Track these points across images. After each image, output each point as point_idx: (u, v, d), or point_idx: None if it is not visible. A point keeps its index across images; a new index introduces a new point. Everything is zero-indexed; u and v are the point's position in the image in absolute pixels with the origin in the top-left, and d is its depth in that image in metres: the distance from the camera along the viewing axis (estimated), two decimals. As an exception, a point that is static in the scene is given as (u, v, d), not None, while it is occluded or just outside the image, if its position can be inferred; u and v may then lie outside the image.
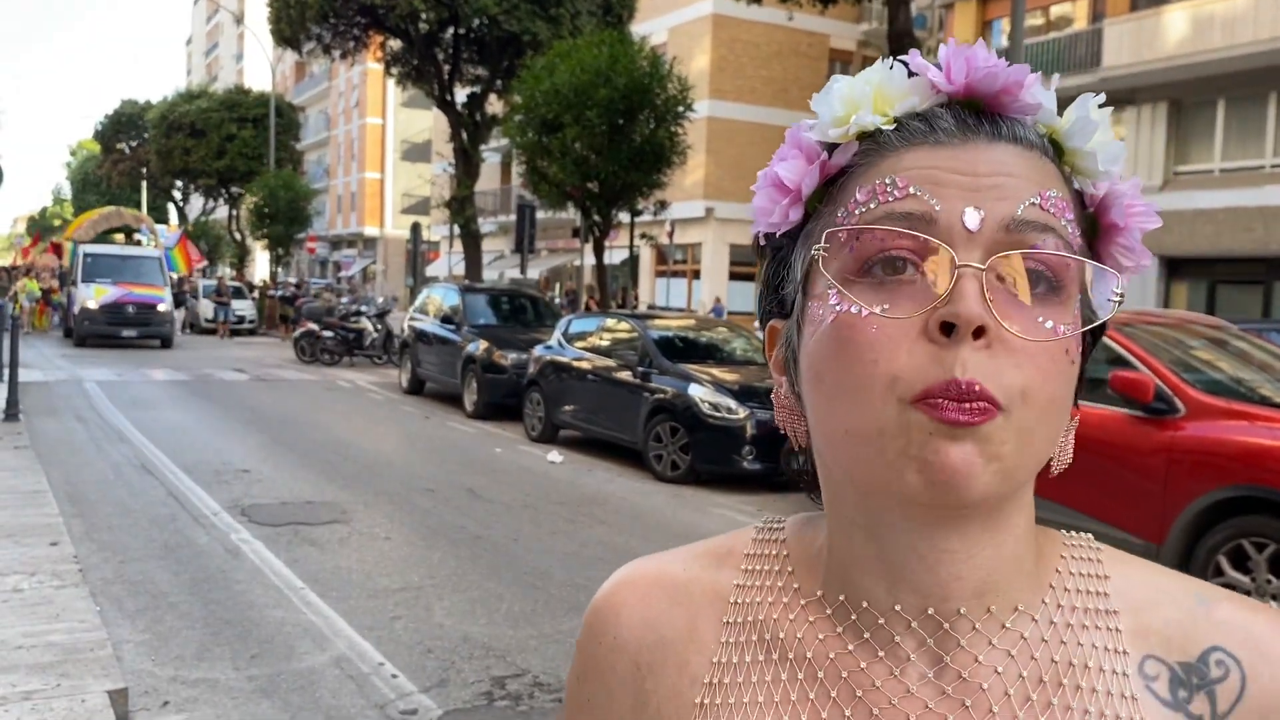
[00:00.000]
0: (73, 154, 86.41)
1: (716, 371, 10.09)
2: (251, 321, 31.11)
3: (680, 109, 17.92)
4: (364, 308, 23.71)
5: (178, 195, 53.12)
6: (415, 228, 27.11)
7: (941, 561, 0.63)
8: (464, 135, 24.17)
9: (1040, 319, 0.59)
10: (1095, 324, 0.64)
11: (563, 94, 16.83)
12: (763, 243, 0.70)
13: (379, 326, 21.65)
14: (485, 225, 33.15)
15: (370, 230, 56.53)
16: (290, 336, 24.99)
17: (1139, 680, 0.63)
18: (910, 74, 0.63)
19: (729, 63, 30.25)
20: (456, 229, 25.13)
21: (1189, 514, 5.48)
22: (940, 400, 0.57)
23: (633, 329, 11.26)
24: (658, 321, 11.99)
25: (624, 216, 19.72)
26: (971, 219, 0.59)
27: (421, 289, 20.00)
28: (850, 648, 0.66)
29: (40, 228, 73.14)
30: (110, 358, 20.65)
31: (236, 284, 34.86)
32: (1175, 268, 20.34)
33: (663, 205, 19.41)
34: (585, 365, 11.39)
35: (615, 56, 17.00)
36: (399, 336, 18.43)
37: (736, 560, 0.73)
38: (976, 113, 0.63)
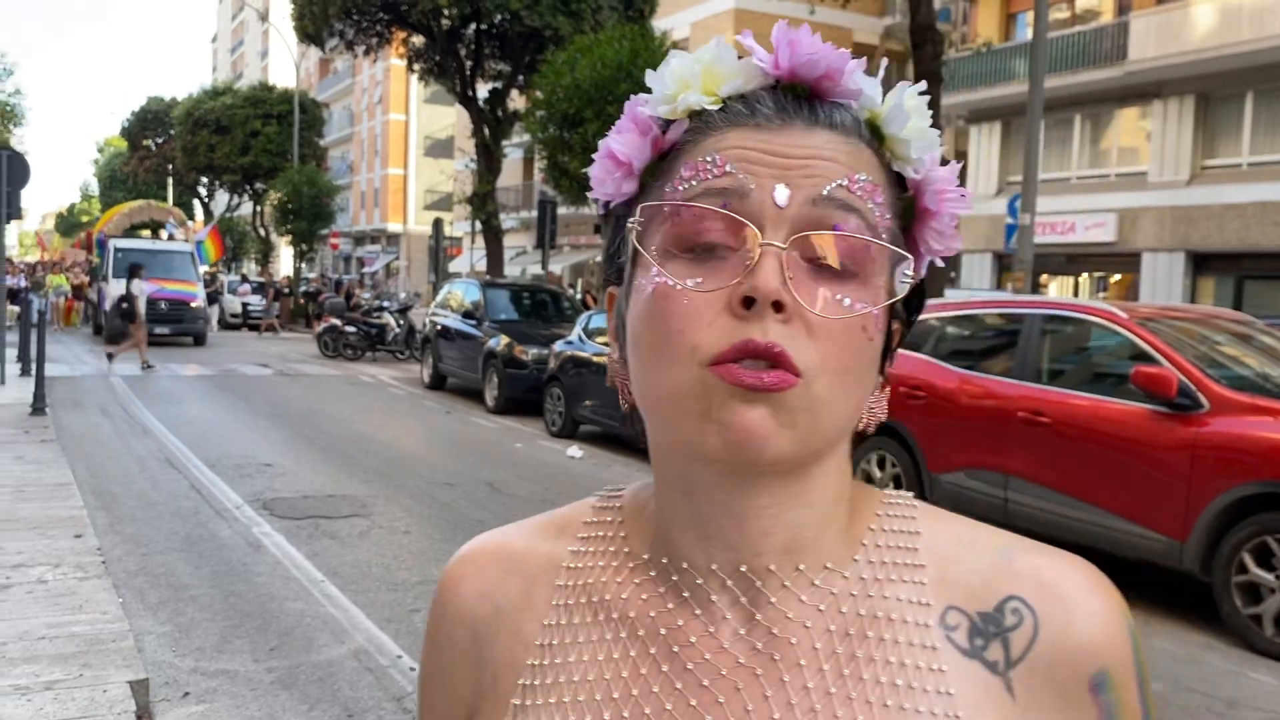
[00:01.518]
0: (100, 151, 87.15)
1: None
2: (269, 315, 31.35)
3: (702, 104, 17.85)
4: (386, 303, 23.82)
5: (203, 191, 53.50)
6: (437, 223, 27.20)
7: (749, 518, 0.66)
8: (486, 131, 24.21)
9: (839, 297, 0.62)
10: (898, 300, 0.66)
11: (584, 89, 16.82)
12: (603, 211, 0.73)
13: (401, 322, 21.74)
14: (507, 221, 33.24)
15: (393, 226, 56.75)
16: (307, 330, 25.11)
17: (940, 630, 0.66)
18: (740, 55, 0.66)
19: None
20: (478, 225, 25.17)
21: (1212, 511, 5.43)
22: (736, 366, 0.60)
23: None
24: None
25: (645, 212, 19.65)
26: (781, 195, 0.62)
27: (443, 284, 20.06)
28: (670, 606, 0.69)
29: (69, 223, 73.84)
30: (135, 352, 20.81)
31: (260, 280, 35.12)
32: (1202, 262, 20.13)
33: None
34: (606, 361, 11.38)
35: (637, 51, 16.98)
36: (421, 332, 18.50)
37: (575, 529, 0.76)
38: (799, 97, 0.65)
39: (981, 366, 7.05)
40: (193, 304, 23.88)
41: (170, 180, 57.13)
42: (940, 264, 0.71)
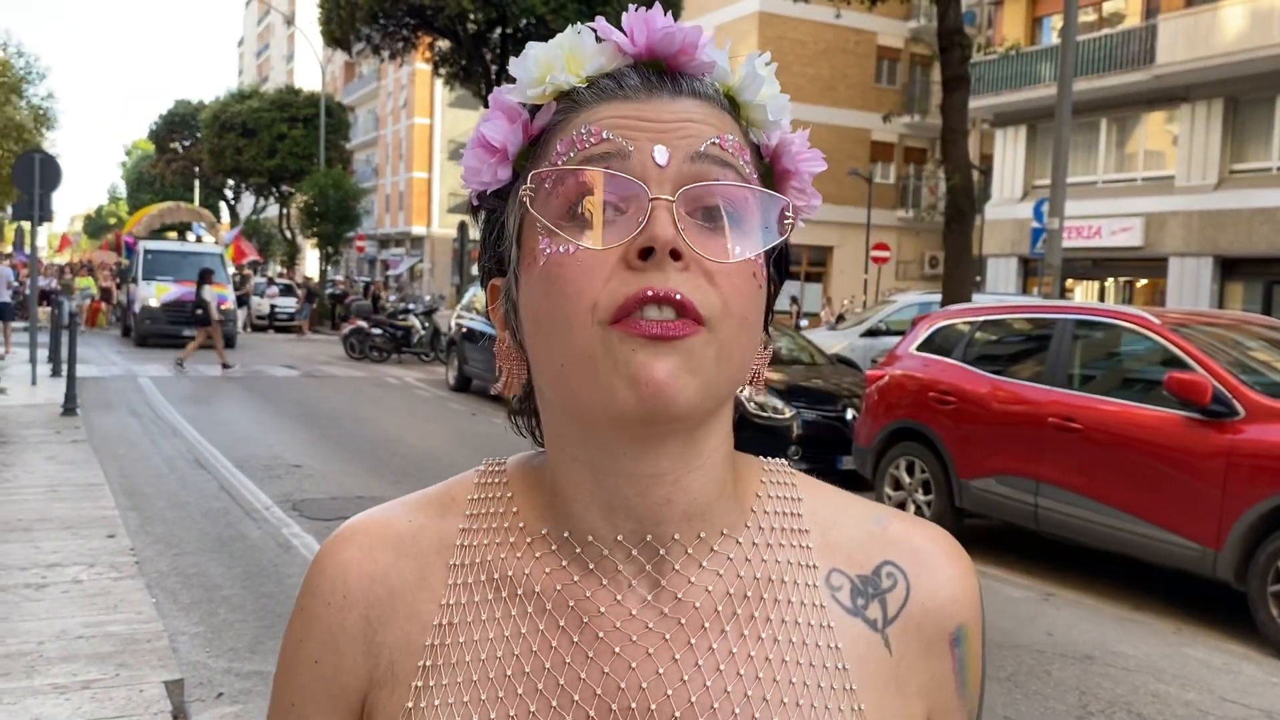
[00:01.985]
0: (128, 153, 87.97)
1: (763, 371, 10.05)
2: (303, 317, 31.54)
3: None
4: (412, 305, 23.92)
5: (229, 194, 53.90)
6: (462, 227, 27.32)
7: (651, 486, 0.68)
8: (510, 134, 24.27)
9: (728, 245, 0.65)
10: (774, 246, 0.69)
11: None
12: (476, 203, 0.74)
13: (426, 324, 21.83)
14: (531, 224, 33.29)
15: (417, 229, 56.99)
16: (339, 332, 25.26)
17: (826, 590, 0.72)
18: (598, 39, 0.69)
19: (775, 60, 29.98)
20: (502, 228, 25.22)
21: (1248, 519, 5.37)
22: (639, 318, 0.62)
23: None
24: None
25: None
26: (660, 154, 0.64)
27: (468, 287, 20.14)
28: (576, 578, 0.70)
29: (93, 226, 74.55)
30: (164, 354, 21.00)
31: (286, 282, 35.33)
32: (1230, 267, 19.96)
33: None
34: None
35: (662, 55, 16.98)
36: (446, 334, 18.56)
37: (461, 506, 0.76)
38: (660, 72, 0.68)
39: (1012, 372, 7.01)
40: (223, 306, 23.69)
41: (197, 183, 57.60)
42: (800, 224, 0.72)
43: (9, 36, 24.71)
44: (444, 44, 25.26)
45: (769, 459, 0.78)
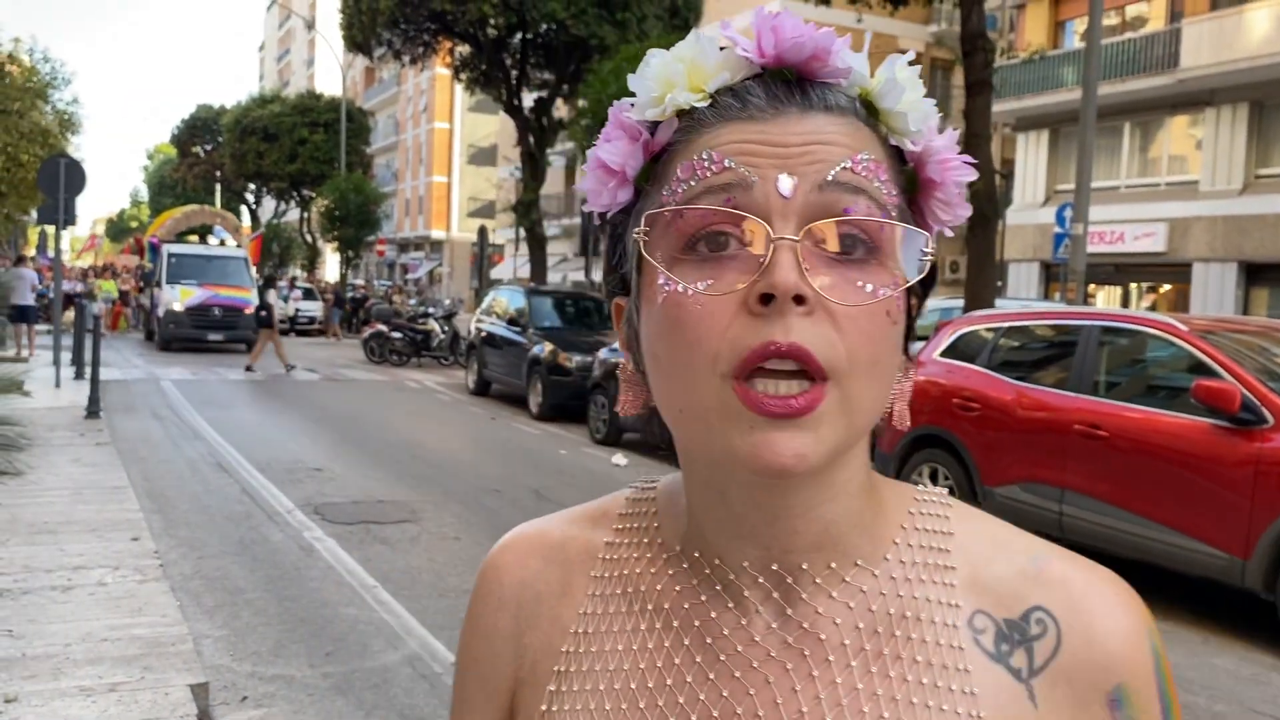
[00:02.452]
0: (150, 158, 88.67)
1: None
2: (321, 323, 31.69)
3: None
4: (431, 309, 24.00)
5: (250, 198, 54.24)
6: (481, 231, 27.38)
7: (780, 517, 0.66)
8: (530, 139, 24.34)
9: (859, 283, 0.61)
10: (917, 279, 0.64)
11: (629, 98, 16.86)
12: (598, 222, 0.72)
13: (446, 328, 21.89)
14: (550, 228, 33.35)
15: (437, 233, 57.20)
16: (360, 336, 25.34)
17: (968, 632, 0.67)
18: (722, 48, 0.65)
19: (795, 65, 30.07)
20: (522, 232, 25.31)
21: (1277, 527, 5.31)
22: (761, 393, 0.59)
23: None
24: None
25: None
26: (785, 185, 0.60)
27: (487, 291, 20.18)
28: (703, 599, 0.70)
29: (115, 229, 75.17)
30: (185, 357, 21.13)
31: (307, 285, 35.51)
32: (1255, 273, 19.78)
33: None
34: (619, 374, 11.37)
35: (682, 60, 16.98)
36: (465, 338, 18.61)
37: (611, 520, 0.77)
38: (789, 82, 0.64)
39: (1036, 378, 6.96)
40: (246, 310, 23.23)
41: (218, 187, 58.00)
42: (949, 234, 0.70)
43: (34, 43, 24.92)
44: (464, 49, 25.33)
45: (927, 487, 0.74)
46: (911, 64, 0.66)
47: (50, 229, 17.31)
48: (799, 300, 0.58)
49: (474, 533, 7.34)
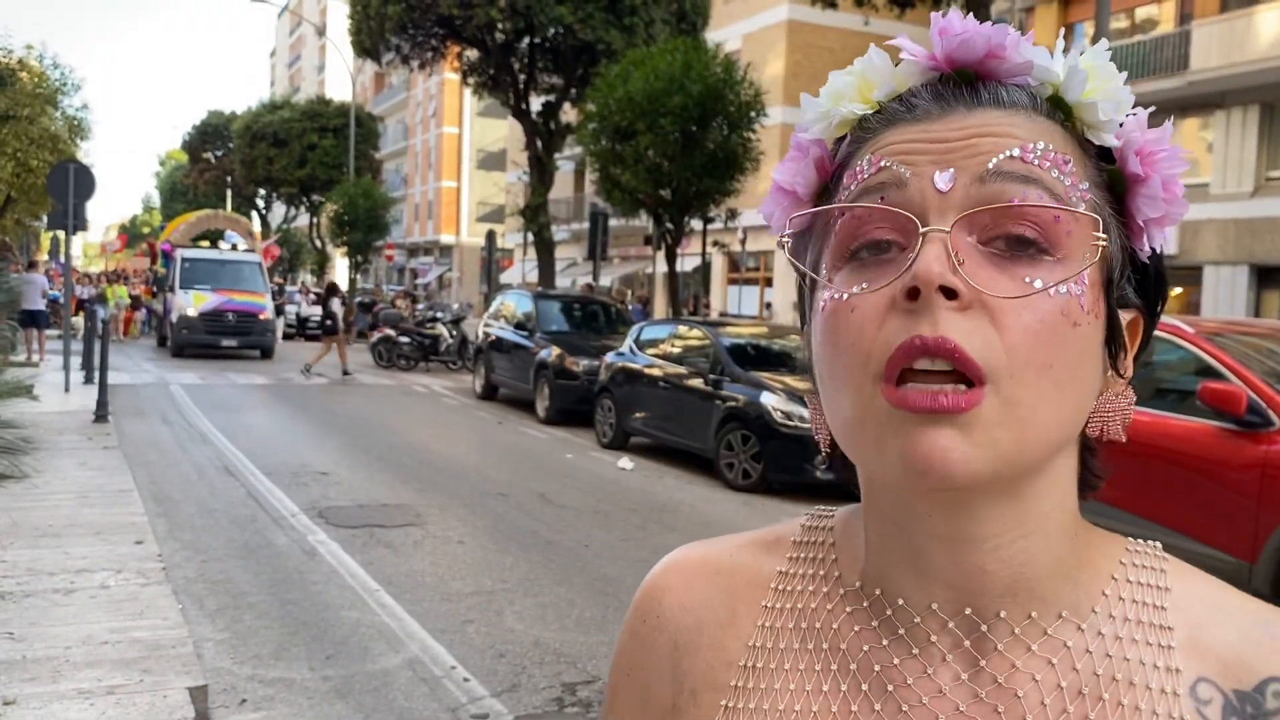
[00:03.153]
0: (161, 164, 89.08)
1: (789, 379, 10.00)
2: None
3: (753, 115, 17.85)
4: (439, 314, 24.02)
5: (261, 203, 54.46)
6: (490, 235, 27.43)
7: (964, 551, 0.60)
8: (539, 144, 24.38)
9: (1026, 278, 0.56)
10: (1111, 279, 0.60)
11: (636, 102, 16.88)
12: (781, 246, 0.68)
13: (454, 332, 21.91)
14: (558, 233, 33.40)
15: (446, 238, 57.32)
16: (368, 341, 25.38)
17: (1190, 702, 0.59)
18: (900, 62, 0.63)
19: (803, 69, 30.07)
20: (530, 236, 25.34)
21: (1284, 531, 5.27)
22: (907, 389, 0.54)
23: (704, 336, 11.23)
24: (729, 329, 11.95)
25: (696, 224, 19.68)
26: (941, 180, 0.57)
27: (495, 296, 20.21)
28: (885, 642, 0.64)
29: (130, 234, 75.57)
30: (196, 363, 21.18)
31: (317, 290, 35.60)
32: (1266, 276, 19.68)
33: (732, 214, 19.39)
34: (657, 372, 11.38)
35: (689, 64, 17.00)
36: (473, 342, 18.63)
37: (784, 548, 0.73)
38: (962, 83, 0.60)
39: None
40: (261, 316, 22.84)
41: (229, 192, 58.24)
42: (1165, 236, 0.63)
43: (44, 48, 25.07)
44: (472, 54, 25.42)
45: (1139, 540, 0.66)
46: (1106, 50, 0.62)
47: (62, 234, 17.39)
48: (950, 295, 0.54)
49: (478, 536, 7.33)
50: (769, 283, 31.43)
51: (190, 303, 22.19)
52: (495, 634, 5.25)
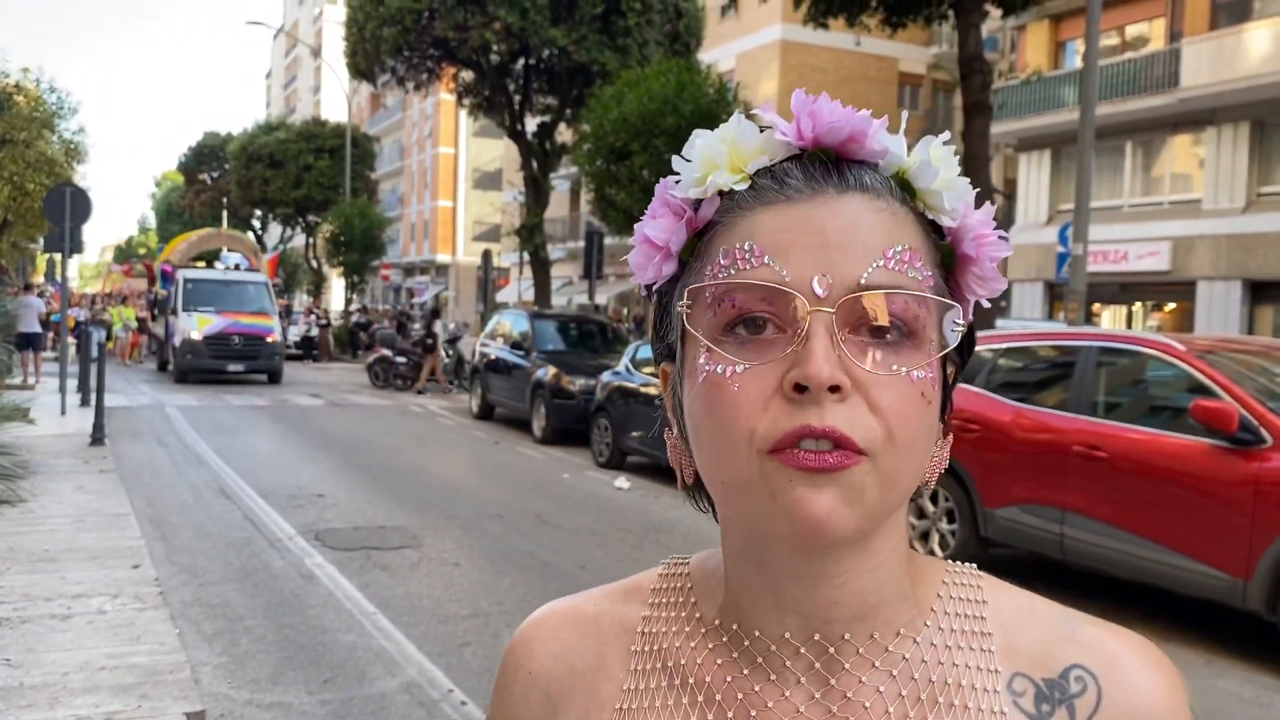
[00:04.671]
0: (157, 185, 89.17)
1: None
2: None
3: (748, 135, 17.93)
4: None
5: (257, 224, 54.50)
6: (486, 255, 27.46)
7: (820, 587, 0.67)
8: (534, 164, 24.46)
9: (894, 366, 0.62)
10: (948, 350, 0.66)
11: (631, 122, 16.95)
12: (643, 292, 0.74)
13: (450, 352, 21.92)
14: (554, 252, 33.45)
15: (442, 257, 57.35)
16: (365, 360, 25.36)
17: (1007, 696, 0.68)
18: (763, 129, 0.67)
19: (797, 88, 30.08)
20: (526, 256, 25.38)
21: (1278, 548, 5.29)
22: (797, 450, 0.61)
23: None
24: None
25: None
26: (819, 287, 0.62)
27: (492, 315, 20.23)
28: (745, 672, 0.70)
29: (126, 255, 75.55)
30: (192, 384, 21.14)
31: (314, 310, 35.61)
32: (1259, 291, 19.74)
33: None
34: (653, 391, 11.39)
35: (682, 84, 17.09)
36: (470, 362, 18.64)
37: (644, 595, 0.78)
38: (827, 162, 0.66)
39: (1035, 399, 6.95)
40: (269, 338, 21.81)
41: (225, 213, 58.25)
42: (986, 304, 0.71)
43: (41, 72, 25.19)
44: (468, 75, 25.51)
45: (956, 563, 0.75)
46: (946, 144, 0.68)
47: (58, 257, 17.41)
48: (834, 388, 0.60)
49: (475, 558, 7.33)
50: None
51: (194, 326, 21.24)
52: (492, 656, 5.25)
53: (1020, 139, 24.14)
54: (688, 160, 0.68)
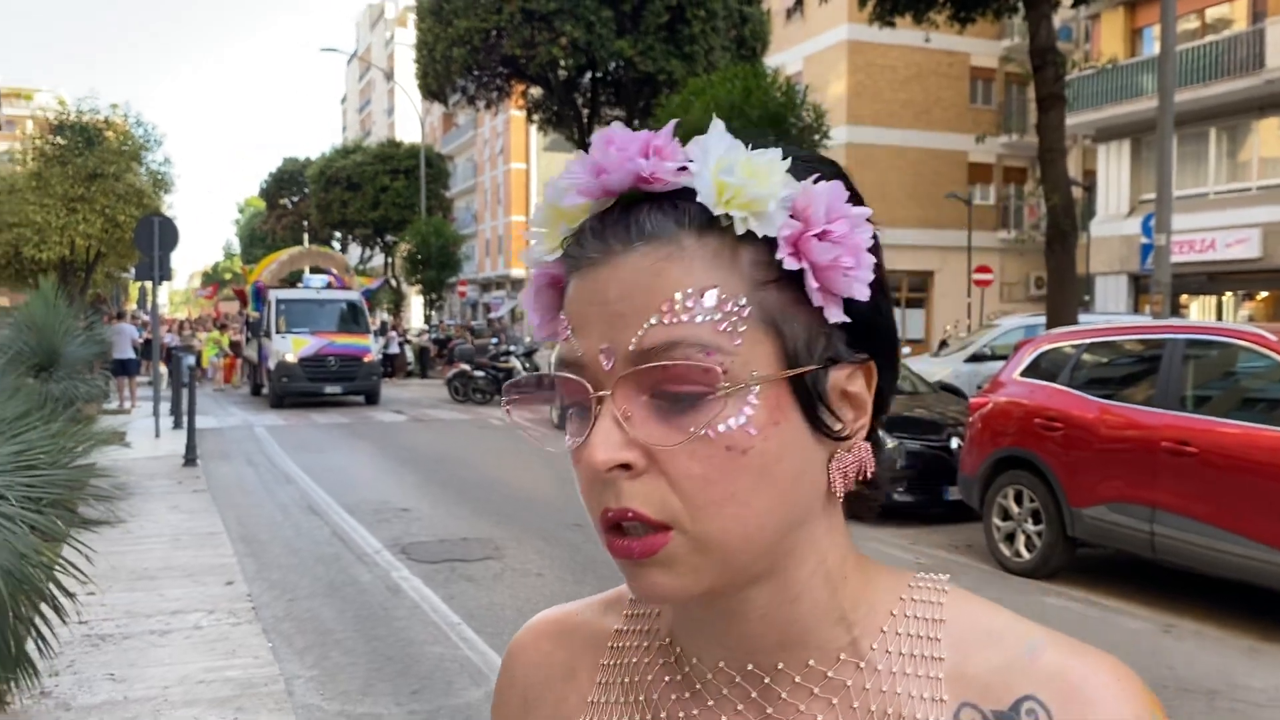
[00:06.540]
0: (240, 211, 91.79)
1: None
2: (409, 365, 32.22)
3: (817, 137, 17.85)
4: (513, 347, 24.30)
5: (336, 245, 55.73)
6: (559, 268, 27.64)
7: (734, 622, 0.66)
8: (604, 175, 24.63)
9: (692, 428, 0.59)
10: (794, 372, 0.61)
11: (699, 129, 16.97)
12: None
13: (527, 365, 22.15)
14: (627, 262, 33.55)
15: (517, 272, 57.92)
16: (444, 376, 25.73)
17: None
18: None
19: (866, 87, 29.95)
20: (599, 267, 25.52)
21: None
22: (613, 537, 0.61)
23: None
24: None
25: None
26: (605, 361, 0.61)
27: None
28: (688, 695, 0.70)
29: (213, 281, 77.80)
30: (287, 411, 21.61)
31: (395, 328, 36.30)
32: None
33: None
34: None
35: (749, 89, 17.08)
36: (547, 374, 18.75)
37: (622, 606, 0.78)
38: (626, 208, 0.62)
39: (1121, 395, 6.79)
40: (365, 358, 21.06)
41: (306, 236, 59.66)
42: (838, 317, 0.62)
43: (128, 108, 26.07)
44: (536, 91, 25.84)
45: (926, 575, 0.70)
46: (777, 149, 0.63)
47: (149, 284, 18.04)
48: (624, 466, 0.59)
49: (556, 568, 7.40)
50: (840, 303, 31.13)
51: (289, 348, 20.50)
52: (576, 666, 5.29)
53: (1098, 129, 23.60)
54: (533, 229, 0.67)
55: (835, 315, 0.62)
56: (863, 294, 0.62)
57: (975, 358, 14.98)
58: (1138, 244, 18.70)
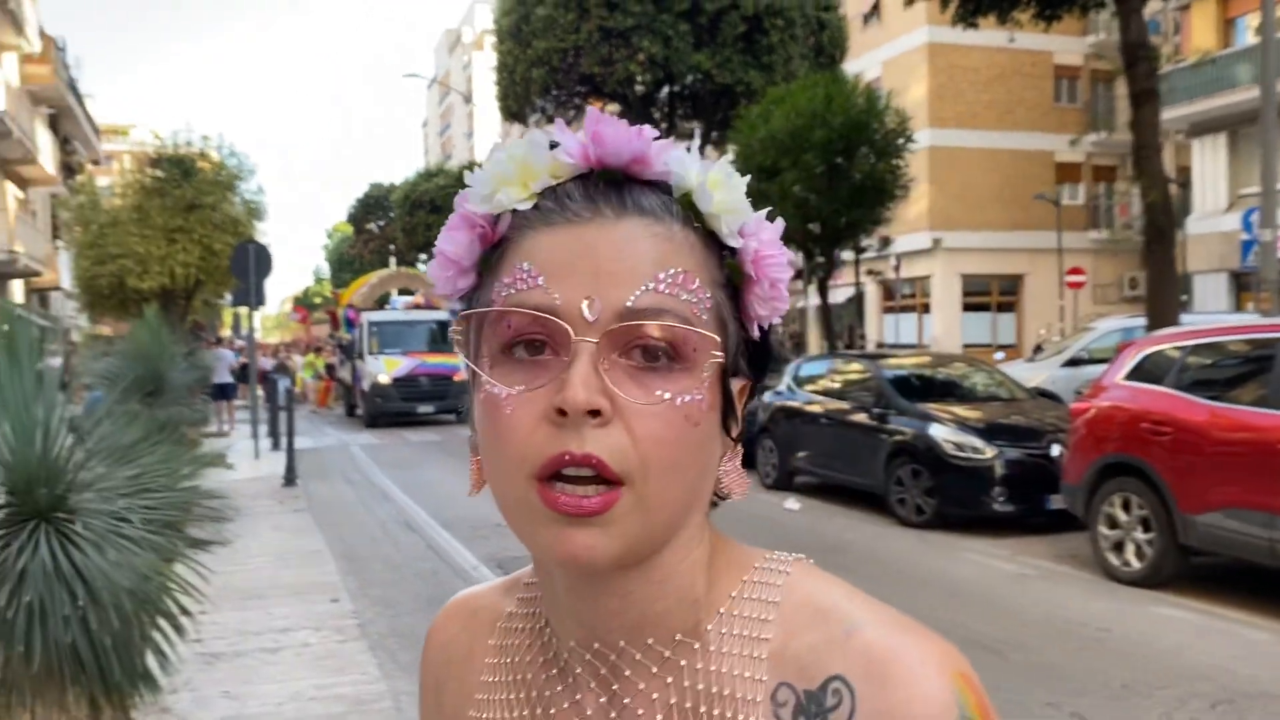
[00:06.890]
0: (329, 236, 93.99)
1: (958, 409, 9.75)
2: None
3: (900, 141, 17.65)
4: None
5: (422, 268, 56.72)
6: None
7: (600, 602, 0.68)
8: (684, 189, 24.69)
9: (658, 391, 0.63)
10: (737, 366, 0.69)
11: (779, 139, 16.93)
12: (452, 307, 0.74)
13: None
14: (709, 274, 33.52)
15: (598, 287, 58.40)
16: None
17: (769, 707, 0.65)
18: (554, 145, 0.67)
19: (948, 90, 29.51)
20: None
21: None
22: (558, 491, 0.61)
23: (865, 369, 11.06)
24: (891, 360, 11.73)
25: (847, 254, 19.48)
26: (588, 312, 0.62)
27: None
28: (552, 673, 0.73)
29: (304, 305, 79.77)
30: (382, 431, 22.03)
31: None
32: None
33: (886, 242, 19.15)
34: (818, 409, 11.26)
35: (830, 97, 16.97)
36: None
37: (518, 589, 0.80)
38: (610, 183, 0.66)
39: (1231, 397, 6.55)
40: (455, 377, 20.49)
41: (392, 259, 60.90)
42: (776, 323, 0.71)
43: (222, 140, 26.89)
44: (614, 107, 25.98)
45: (777, 555, 0.72)
46: (733, 163, 0.69)
47: (244, 310, 18.56)
48: (594, 413, 0.61)
49: (652, 583, 7.39)
50: (926, 309, 30.76)
51: (382, 369, 20.85)
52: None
53: (1192, 124, 22.91)
54: (477, 178, 0.68)
55: (754, 332, 0.70)
56: (776, 320, 0.71)
57: (1072, 362, 14.61)
58: (1238, 240, 18.06)
